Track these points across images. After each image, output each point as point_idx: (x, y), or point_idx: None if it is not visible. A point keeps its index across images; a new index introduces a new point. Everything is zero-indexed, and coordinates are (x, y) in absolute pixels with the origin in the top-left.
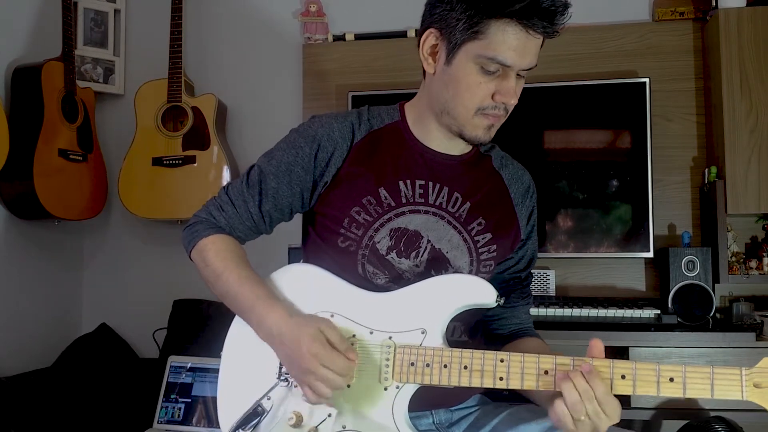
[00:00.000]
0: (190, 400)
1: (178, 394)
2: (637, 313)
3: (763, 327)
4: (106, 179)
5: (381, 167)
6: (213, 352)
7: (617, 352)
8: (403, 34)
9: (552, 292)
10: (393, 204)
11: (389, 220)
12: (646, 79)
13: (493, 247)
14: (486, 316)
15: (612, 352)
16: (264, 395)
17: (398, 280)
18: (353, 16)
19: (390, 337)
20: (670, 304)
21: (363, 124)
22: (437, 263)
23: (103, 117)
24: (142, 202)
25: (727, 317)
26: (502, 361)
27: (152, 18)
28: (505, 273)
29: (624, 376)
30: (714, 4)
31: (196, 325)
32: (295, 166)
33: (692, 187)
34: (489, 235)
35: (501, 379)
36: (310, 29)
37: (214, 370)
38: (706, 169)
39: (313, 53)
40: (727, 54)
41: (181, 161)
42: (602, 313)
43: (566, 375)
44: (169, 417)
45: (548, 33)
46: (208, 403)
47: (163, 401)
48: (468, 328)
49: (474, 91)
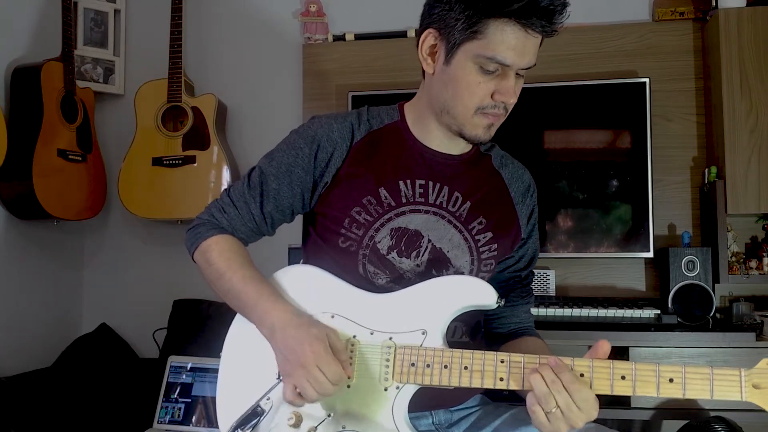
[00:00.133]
0: (190, 400)
1: (178, 394)
2: (637, 313)
3: (763, 327)
4: (106, 179)
5: (381, 167)
6: (213, 352)
7: (617, 353)
8: (403, 34)
9: (552, 292)
10: (393, 204)
11: (390, 219)
12: (646, 79)
13: (494, 246)
14: (486, 314)
15: (612, 352)
16: (263, 395)
17: (399, 279)
18: (353, 16)
19: (390, 338)
20: (670, 304)
21: (362, 124)
22: (438, 263)
23: (103, 117)
24: (142, 202)
25: (727, 317)
26: (502, 361)
27: (152, 18)
28: (506, 272)
29: (624, 377)
30: (714, 4)
31: (196, 325)
32: (296, 167)
33: (692, 187)
34: (489, 234)
35: (501, 380)
36: (310, 29)
37: (214, 370)
38: (706, 169)
39: (313, 53)
40: (727, 54)
41: (181, 161)
42: (602, 313)
43: (535, 369)
44: (169, 417)
45: (547, 32)
46: (208, 403)
47: (163, 401)
48: (469, 328)
49: (473, 91)
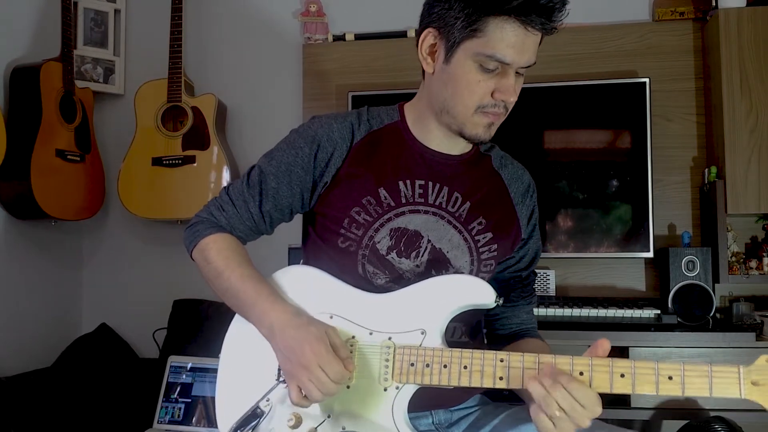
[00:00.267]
0: (190, 400)
1: (178, 394)
2: (637, 313)
3: (763, 327)
4: (104, 180)
5: (380, 167)
6: (213, 352)
7: (617, 352)
8: (403, 34)
9: (552, 292)
10: (393, 204)
11: (389, 220)
12: (646, 79)
13: (494, 246)
14: (487, 315)
15: (612, 352)
16: (263, 397)
17: (398, 280)
18: (353, 16)
19: (389, 338)
20: (670, 304)
21: (362, 124)
22: (438, 263)
23: (103, 117)
24: (142, 202)
25: (727, 317)
26: (501, 361)
27: (152, 18)
28: (506, 272)
29: (623, 375)
30: (714, 4)
31: (196, 325)
32: (295, 167)
33: (692, 187)
34: (489, 235)
35: (501, 379)
36: (310, 29)
37: (213, 370)
38: (706, 169)
39: (313, 53)
40: (727, 54)
41: (180, 161)
42: (602, 313)
43: (533, 377)
44: (169, 417)
45: (546, 30)
46: (207, 403)
47: (163, 401)
48: (468, 328)
49: (473, 89)
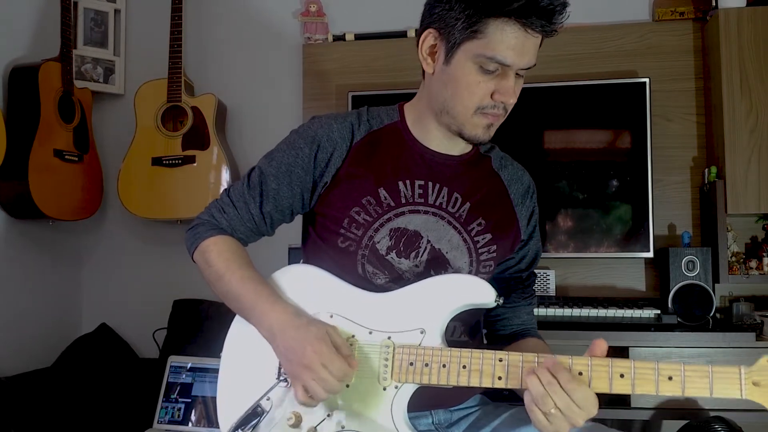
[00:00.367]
0: (190, 400)
1: (178, 394)
2: (637, 313)
3: (763, 327)
4: (102, 180)
5: (380, 167)
6: (213, 352)
7: (617, 352)
8: (403, 34)
9: (552, 292)
10: (392, 204)
11: (389, 220)
12: (646, 79)
13: (493, 247)
14: (487, 316)
15: (612, 352)
16: (263, 395)
17: (398, 280)
18: (353, 16)
19: (389, 337)
20: (670, 304)
21: (362, 124)
22: (437, 263)
23: (103, 117)
24: (142, 202)
25: (727, 317)
26: (500, 360)
27: (152, 18)
28: (506, 273)
29: (623, 375)
30: (714, 4)
31: (196, 325)
32: (295, 167)
33: (692, 187)
34: (489, 236)
35: (500, 379)
36: (310, 29)
37: (213, 370)
38: (706, 169)
39: (313, 53)
40: (727, 54)
41: (180, 161)
42: (602, 313)
43: (531, 370)
44: (169, 417)
45: (547, 32)
46: (208, 403)
47: (163, 401)
48: (468, 328)
49: (473, 91)
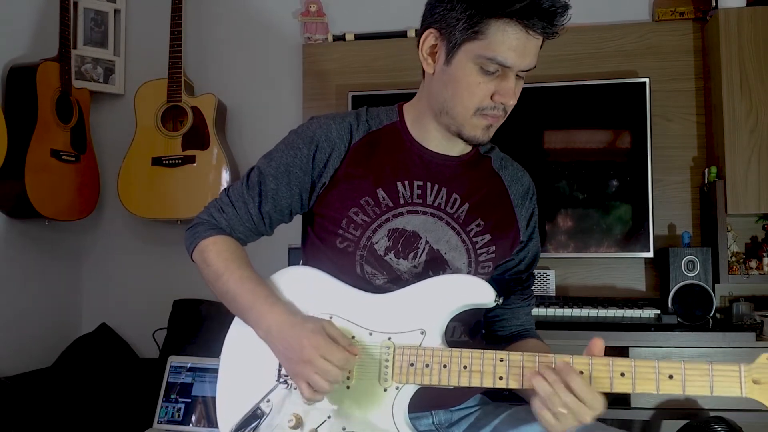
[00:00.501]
0: (190, 400)
1: (178, 394)
2: (637, 313)
3: (763, 327)
4: (99, 180)
5: (379, 168)
6: (213, 352)
7: (617, 352)
8: (403, 34)
9: (552, 292)
10: (391, 205)
11: (387, 220)
12: (646, 79)
13: (492, 248)
14: (486, 317)
15: (612, 352)
16: (263, 398)
17: (396, 280)
18: (353, 16)
19: (389, 338)
20: (670, 304)
21: (361, 125)
22: (435, 264)
23: (103, 117)
24: (142, 202)
25: (727, 317)
26: (501, 360)
27: (152, 18)
28: (505, 274)
29: (623, 374)
30: (714, 4)
31: (196, 325)
32: (294, 167)
33: (692, 187)
34: (488, 237)
35: (500, 379)
36: (310, 29)
37: (213, 370)
38: (706, 169)
39: (313, 53)
40: (727, 54)
41: (180, 161)
42: (602, 313)
43: (536, 371)
44: (169, 417)
45: (548, 33)
46: (208, 403)
47: (163, 401)
48: (468, 328)
49: (473, 91)
